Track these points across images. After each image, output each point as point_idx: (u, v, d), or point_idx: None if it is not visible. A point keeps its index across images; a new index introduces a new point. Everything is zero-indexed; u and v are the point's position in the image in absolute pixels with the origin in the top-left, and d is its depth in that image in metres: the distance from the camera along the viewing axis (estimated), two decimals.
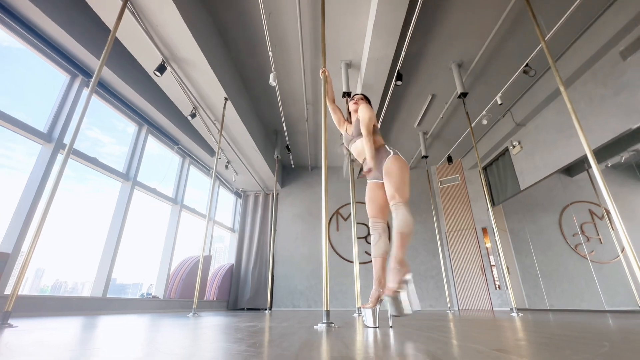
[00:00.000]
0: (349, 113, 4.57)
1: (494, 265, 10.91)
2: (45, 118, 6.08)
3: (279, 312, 9.46)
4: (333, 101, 4.90)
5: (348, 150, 4.41)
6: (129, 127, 8.35)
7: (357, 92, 7.79)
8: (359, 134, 4.11)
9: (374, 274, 3.67)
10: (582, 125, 5.00)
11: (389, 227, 3.85)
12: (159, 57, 6.42)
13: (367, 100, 4.43)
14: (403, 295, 3.21)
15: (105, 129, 8.01)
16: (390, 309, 3.23)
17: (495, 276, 10.77)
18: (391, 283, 3.28)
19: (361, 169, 4.23)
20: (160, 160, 9.99)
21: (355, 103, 4.39)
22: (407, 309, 3.18)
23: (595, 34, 7.04)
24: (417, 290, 11.40)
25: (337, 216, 13.00)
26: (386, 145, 4.01)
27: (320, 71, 4.93)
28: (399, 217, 3.52)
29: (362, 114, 4.05)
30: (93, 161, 6.93)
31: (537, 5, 6.14)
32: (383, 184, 3.87)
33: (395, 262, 3.35)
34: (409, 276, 3.28)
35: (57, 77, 6.40)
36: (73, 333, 2.63)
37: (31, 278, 6.21)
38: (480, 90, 8.90)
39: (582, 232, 9.34)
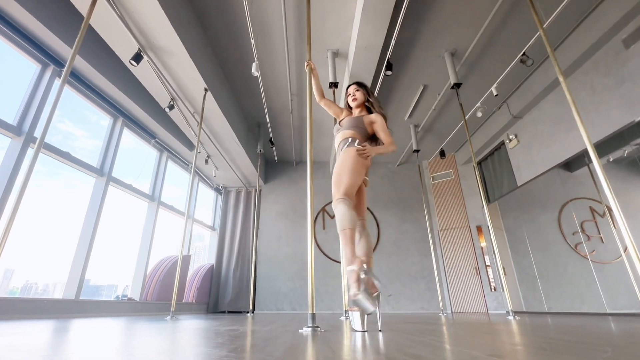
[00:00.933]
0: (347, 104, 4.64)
1: (489, 266, 10.98)
2: (15, 110, 6.11)
3: (262, 315, 9.52)
4: (322, 96, 4.94)
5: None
6: (103, 119, 8.38)
7: (350, 83, 7.90)
8: (349, 128, 4.20)
9: None
10: (583, 117, 5.00)
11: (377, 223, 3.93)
12: (135, 46, 6.46)
13: (365, 89, 4.51)
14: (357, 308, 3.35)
15: (78, 122, 8.05)
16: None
17: (490, 277, 10.84)
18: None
19: None
20: (136, 154, 10.03)
21: (354, 99, 4.48)
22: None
23: (596, 20, 7.07)
24: (407, 291, 11.50)
25: (323, 214, 13.07)
26: (350, 138, 4.12)
27: (305, 64, 4.96)
28: (339, 216, 3.64)
29: (381, 124, 4.21)
30: (65, 155, 6.98)
31: None
32: None
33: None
34: (359, 296, 3.20)
35: (27, 66, 6.42)
36: (45, 337, 2.64)
37: None
38: (475, 80, 8.97)
39: (583, 230, 9.37)
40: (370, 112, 4.46)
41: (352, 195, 3.83)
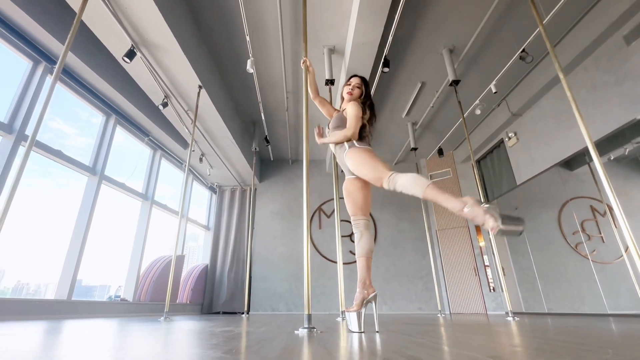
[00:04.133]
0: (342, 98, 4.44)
1: (488, 266, 11.00)
2: (6, 108, 6.12)
3: (257, 316, 9.53)
4: (317, 94, 4.86)
5: None
6: (94, 117, 8.39)
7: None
8: (334, 128, 4.18)
9: (358, 275, 3.67)
10: (583, 115, 4.99)
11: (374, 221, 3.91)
12: (128, 42, 6.45)
13: (364, 83, 4.38)
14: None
15: (69, 119, 8.06)
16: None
17: (489, 277, 10.86)
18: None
19: None
20: (129, 152, 10.03)
21: (350, 93, 4.31)
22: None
23: (597, 17, 7.07)
24: (405, 292, 11.52)
25: (320, 213, 13.08)
26: (353, 141, 3.96)
27: (302, 61, 4.94)
28: (407, 184, 3.31)
29: (350, 112, 4.04)
30: (57, 154, 6.99)
31: None
32: (357, 178, 3.95)
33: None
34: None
35: (18, 63, 6.44)
36: (36, 338, 2.64)
37: None
38: (474, 77, 8.99)
39: (583, 230, 9.37)
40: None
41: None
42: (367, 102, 4.26)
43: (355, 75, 4.46)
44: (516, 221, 2.87)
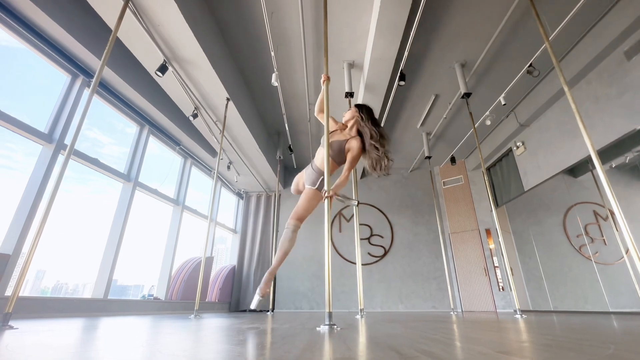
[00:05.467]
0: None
1: (497, 267, 10.86)
2: (46, 118, 6.06)
3: (282, 313, 9.47)
4: (321, 111, 4.69)
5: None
6: (129, 127, 8.34)
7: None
8: (334, 154, 4.30)
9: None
10: (587, 125, 4.94)
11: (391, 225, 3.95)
12: (160, 57, 6.40)
13: (365, 111, 4.31)
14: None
15: (105, 129, 8.02)
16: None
17: (498, 277, 10.72)
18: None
19: (363, 171, 4.33)
20: (161, 161, 10.00)
21: (344, 115, 4.46)
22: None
23: (599, 33, 6.96)
24: (420, 291, 11.41)
25: (340, 217, 12.95)
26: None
27: (322, 80, 4.79)
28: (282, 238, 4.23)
29: (351, 156, 4.19)
30: (94, 162, 6.92)
31: (541, 4, 6.05)
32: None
33: None
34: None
35: (58, 77, 6.38)
36: (74, 335, 2.63)
37: (32, 279, 6.19)
38: (484, 90, 8.85)
39: (587, 233, 9.34)
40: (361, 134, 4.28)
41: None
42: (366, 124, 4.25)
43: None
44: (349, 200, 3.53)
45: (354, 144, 4.14)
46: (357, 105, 4.38)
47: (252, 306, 3.74)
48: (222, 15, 6.96)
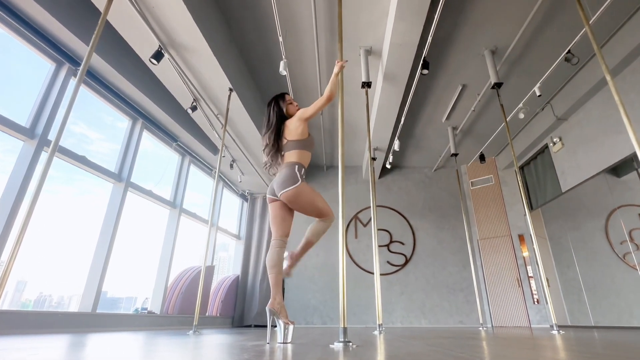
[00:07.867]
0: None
1: (532, 277, 10.84)
2: (28, 111, 5.99)
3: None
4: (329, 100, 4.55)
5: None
6: (120, 121, 8.29)
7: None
8: None
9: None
10: (632, 119, 4.88)
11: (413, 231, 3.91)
12: (155, 43, 6.35)
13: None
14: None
15: (93, 124, 7.95)
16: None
17: (533, 289, 10.69)
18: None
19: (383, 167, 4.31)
20: (156, 159, 9.97)
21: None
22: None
23: None
24: (445, 304, 11.39)
25: (356, 221, 12.92)
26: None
27: (342, 62, 4.63)
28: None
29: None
30: (81, 160, 6.86)
31: None
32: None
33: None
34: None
35: (40, 64, 6.32)
36: (59, 353, 2.54)
37: (11, 291, 6.17)
38: (517, 80, 8.81)
39: (631, 239, 9.26)
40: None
41: None
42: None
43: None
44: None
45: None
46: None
47: (289, 339, 3.62)
48: None
